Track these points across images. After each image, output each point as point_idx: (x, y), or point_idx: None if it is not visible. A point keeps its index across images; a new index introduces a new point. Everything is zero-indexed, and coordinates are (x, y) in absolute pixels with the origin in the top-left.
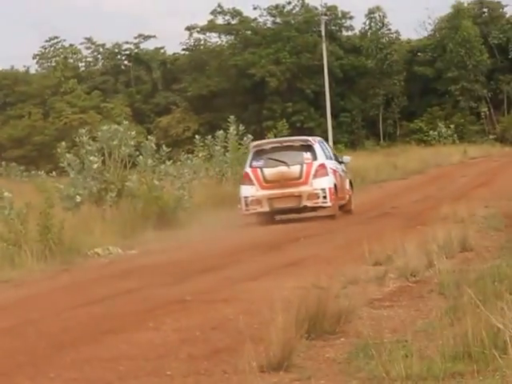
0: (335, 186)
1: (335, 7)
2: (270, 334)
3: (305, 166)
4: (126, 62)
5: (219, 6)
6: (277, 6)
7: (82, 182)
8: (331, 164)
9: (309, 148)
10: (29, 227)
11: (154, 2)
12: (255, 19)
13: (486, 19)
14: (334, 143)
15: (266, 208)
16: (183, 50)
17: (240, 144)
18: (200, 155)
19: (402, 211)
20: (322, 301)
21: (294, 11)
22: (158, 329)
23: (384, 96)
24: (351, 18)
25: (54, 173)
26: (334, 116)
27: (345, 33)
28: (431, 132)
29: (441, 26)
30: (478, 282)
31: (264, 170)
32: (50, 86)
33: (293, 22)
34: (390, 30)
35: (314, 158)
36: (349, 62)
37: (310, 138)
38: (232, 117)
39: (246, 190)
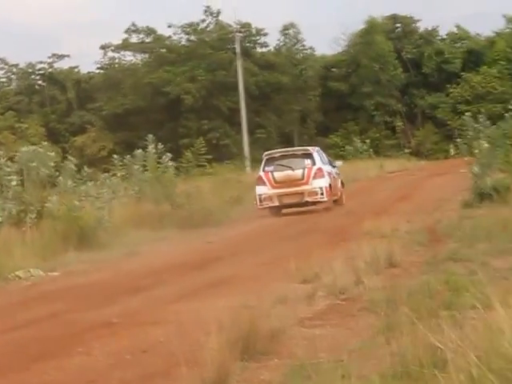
0: (330, 185)
1: (249, 24)
2: (204, 356)
3: (306, 169)
4: (40, 82)
5: (133, 24)
6: (191, 24)
7: (1, 203)
8: (327, 168)
9: (309, 156)
10: None
11: (67, 21)
12: (170, 37)
13: (399, 34)
14: (251, 160)
15: (276, 203)
16: (98, 68)
17: (159, 163)
18: (119, 174)
19: (323, 227)
20: (253, 321)
21: (208, 29)
22: (88, 353)
23: (299, 112)
24: (265, 34)
25: None
26: (250, 132)
27: (259, 49)
28: (347, 147)
29: (355, 41)
30: (410, 298)
31: (274, 173)
32: None
33: (207, 39)
34: (304, 46)
35: (313, 163)
36: (264, 78)
37: (309, 148)
38: (151, 135)
39: (260, 189)
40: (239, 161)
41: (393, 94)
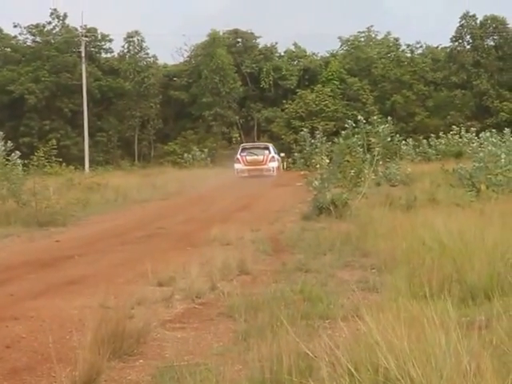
0: (278, 166)
1: (95, 29)
2: (70, 354)
3: (265, 156)
4: None
5: None
6: (37, 25)
7: None
8: (276, 156)
9: (267, 148)
10: None
11: None
12: (15, 37)
13: (240, 49)
14: (91, 162)
15: (246, 174)
16: None
17: (7, 160)
18: None
19: (170, 232)
20: (117, 321)
21: (54, 31)
22: None
23: (140, 118)
24: (110, 40)
25: None
26: (91, 135)
27: (104, 55)
28: (186, 155)
29: (197, 52)
30: (267, 306)
31: (247, 156)
32: None
33: (53, 41)
34: (147, 54)
35: (269, 152)
36: (107, 83)
37: (267, 144)
38: (0, 133)
39: (238, 166)
40: (79, 162)
41: (231, 106)
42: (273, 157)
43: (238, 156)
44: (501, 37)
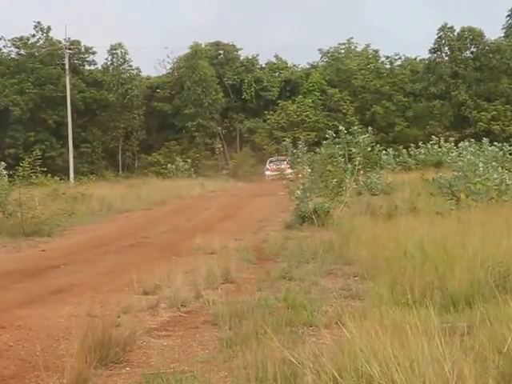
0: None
1: (79, 42)
2: (58, 362)
3: (286, 165)
4: None
5: None
6: (21, 38)
7: None
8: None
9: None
10: None
11: None
12: (0, 49)
13: (222, 61)
14: (75, 173)
15: (273, 178)
16: None
17: None
18: None
19: (154, 241)
20: (104, 330)
21: (38, 44)
22: None
23: (124, 129)
24: (94, 53)
25: None
26: (76, 146)
27: (87, 67)
28: (169, 165)
29: (179, 64)
30: (251, 314)
31: (273, 166)
32: None
33: (37, 54)
34: (131, 66)
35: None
36: (91, 95)
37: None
38: None
39: (268, 172)
40: (63, 173)
41: (214, 117)
42: (291, 165)
43: (268, 166)
44: (478, 48)
